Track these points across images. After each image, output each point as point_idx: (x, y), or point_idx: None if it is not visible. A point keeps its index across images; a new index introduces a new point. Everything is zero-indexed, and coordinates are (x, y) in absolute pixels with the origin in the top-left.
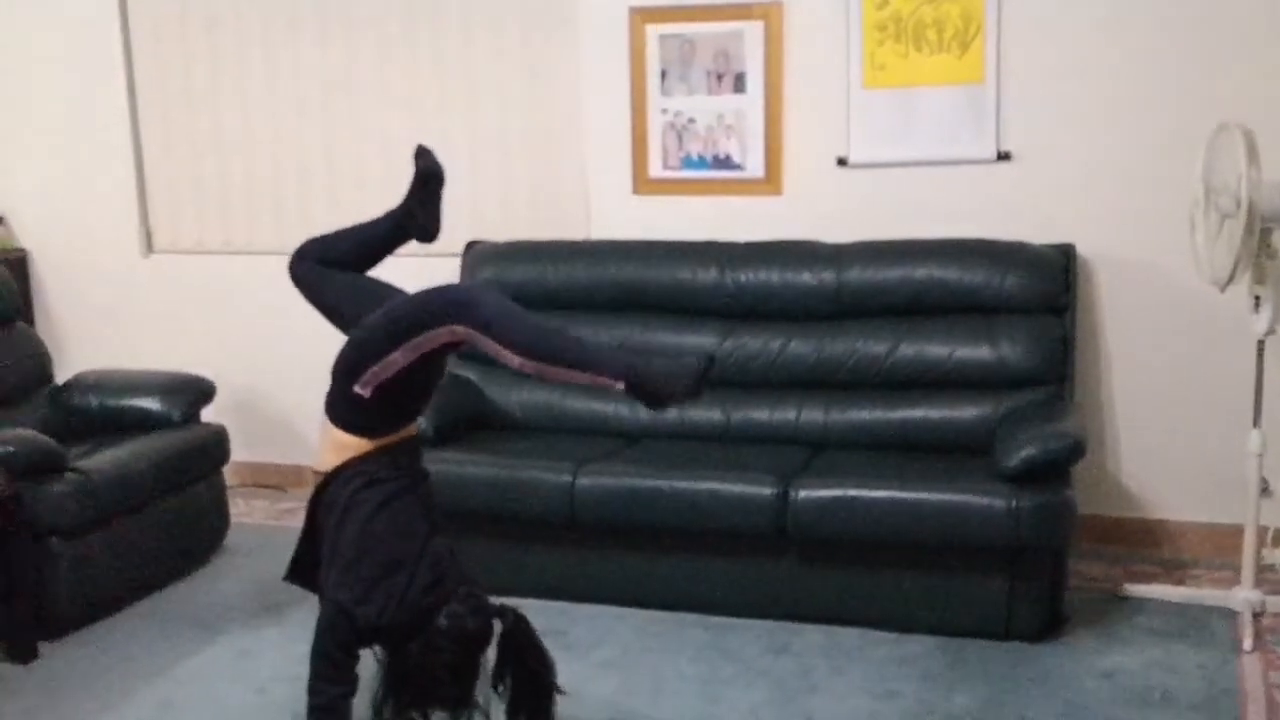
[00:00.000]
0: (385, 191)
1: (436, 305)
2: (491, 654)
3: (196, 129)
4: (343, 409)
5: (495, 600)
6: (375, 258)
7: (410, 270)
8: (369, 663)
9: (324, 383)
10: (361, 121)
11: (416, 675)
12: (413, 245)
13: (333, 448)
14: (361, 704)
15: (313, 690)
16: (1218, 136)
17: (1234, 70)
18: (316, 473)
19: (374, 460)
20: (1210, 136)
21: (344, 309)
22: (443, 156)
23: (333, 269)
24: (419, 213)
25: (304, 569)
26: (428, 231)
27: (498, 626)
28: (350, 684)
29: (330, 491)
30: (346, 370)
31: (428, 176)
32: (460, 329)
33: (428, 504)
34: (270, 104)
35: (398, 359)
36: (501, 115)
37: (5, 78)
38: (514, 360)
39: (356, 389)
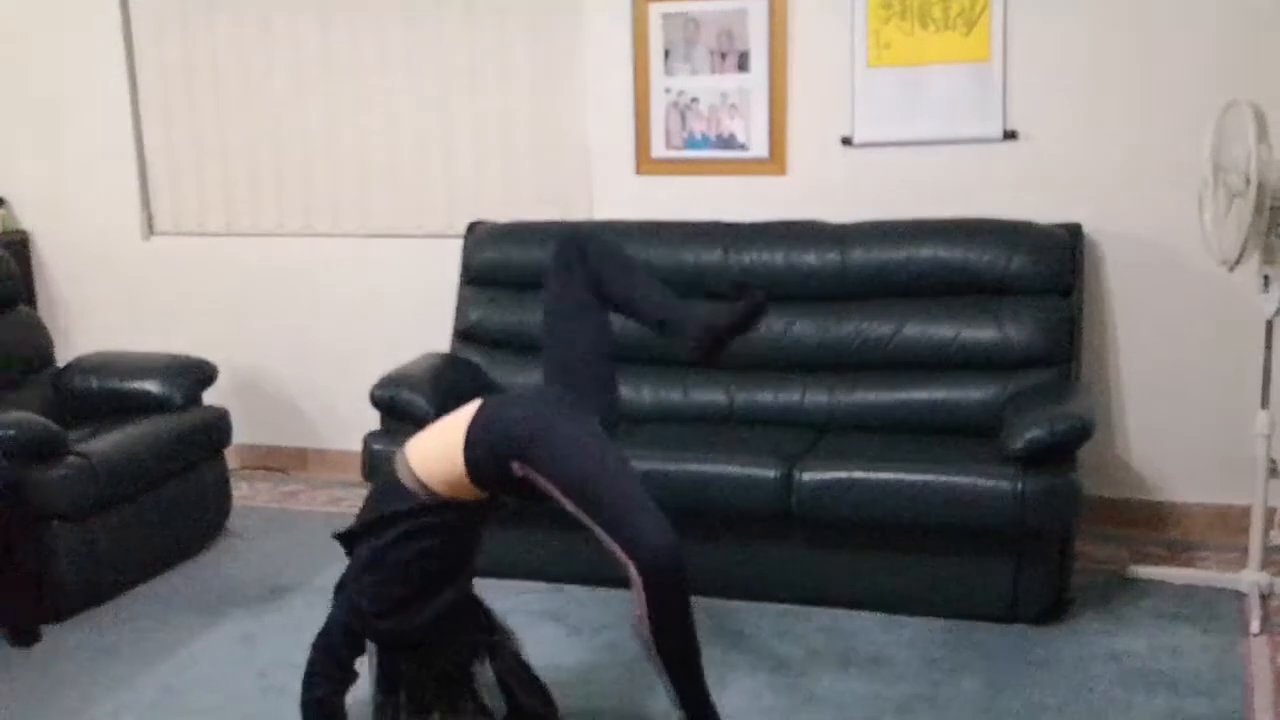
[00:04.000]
0: (387, 170)
1: (636, 554)
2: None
3: (197, 110)
4: (483, 452)
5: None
6: (622, 312)
7: (412, 252)
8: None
9: (326, 363)
10: (364, 100)
11: (407, 681)
12: (413, 226)
13: (445, 474)
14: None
15: (308, 684)
16: (1227, 114)
17: (1243, 47)
18: (412, 472)
19: (458, 508)
20: (1219, 114)
21: (550, 331)
22: (445, 136)
23: (586, 287)
24: (709, 338)
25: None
26: (691, 351)
27: (487, 654)
28: (346, 682)
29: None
30: (521, 447)
31: (754, 312)
32: (635, 570)
33: (477, 545)
34: (271, 84)
35: (561, 501)
36: (504, 95)
37: (4, 59)
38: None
39: (514, 466)
